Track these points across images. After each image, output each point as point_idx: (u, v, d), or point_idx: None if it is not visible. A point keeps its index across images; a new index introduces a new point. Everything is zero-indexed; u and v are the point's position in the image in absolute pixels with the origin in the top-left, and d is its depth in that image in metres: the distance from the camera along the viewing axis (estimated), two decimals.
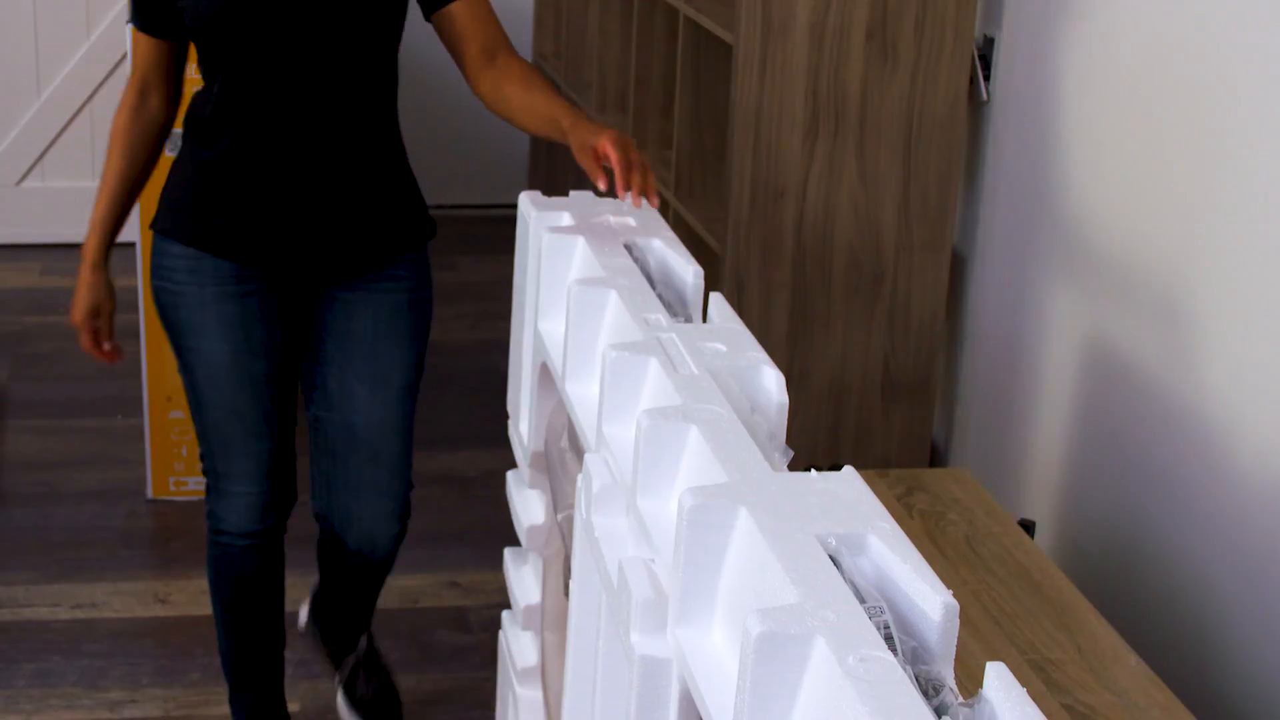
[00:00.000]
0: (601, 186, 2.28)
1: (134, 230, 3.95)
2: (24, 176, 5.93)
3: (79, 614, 3.56)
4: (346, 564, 2.85)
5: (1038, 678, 2.07)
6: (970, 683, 1.37)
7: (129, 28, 2.65)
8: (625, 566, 1.72)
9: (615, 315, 2.11)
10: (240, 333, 2.63)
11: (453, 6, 2.55)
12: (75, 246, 5.84)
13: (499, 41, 2.57)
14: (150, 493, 4.09)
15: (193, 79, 2.72)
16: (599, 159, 2.30)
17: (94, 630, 3.50)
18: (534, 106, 2.49)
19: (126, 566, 3.77)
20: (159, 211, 2.72)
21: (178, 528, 3.96)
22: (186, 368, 2.68)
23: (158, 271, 2.68)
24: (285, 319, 2.69)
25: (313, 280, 2.68)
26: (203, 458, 2.74)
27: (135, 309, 4.14)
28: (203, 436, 2.71)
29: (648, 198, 2.30)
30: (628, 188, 2.28)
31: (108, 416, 4.56)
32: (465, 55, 2.57)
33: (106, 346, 2.74)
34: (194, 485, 4.08)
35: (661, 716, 1.66)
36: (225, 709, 3.20)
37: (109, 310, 2.73)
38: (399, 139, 2.69)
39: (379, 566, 2.86)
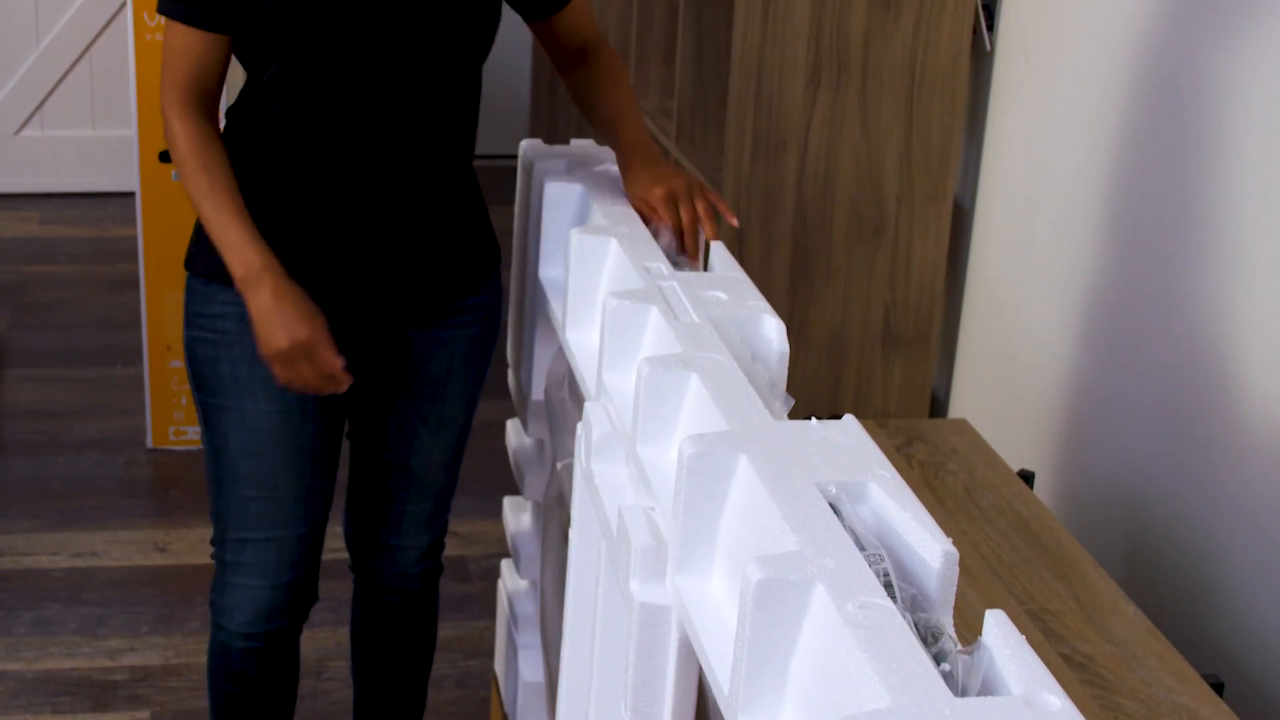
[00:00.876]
0: (661, 243, 2.13)
1: (134, 179, 3.95)
2: (23, 125, 5.92)
3: (79, 562, 3.57)
4: (384, 612, 2.60)
5: (1036, 627, 2.07)
6: (968, 633, 1.37)
7: (163, 20, 2.17)
8: (625, 514, 1.72)
9: (616, 263, 2.11)
10: (292, 395, 2.25)
11: (563, 12, 2.35)
12: (74, 196, 5.91)
13: (591, 38, 2.40)
14: (150, 442, 4.09)
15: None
16: (652, 213, 2.17)
17: (94, 579, 3.51)
18: (599, 113, 2.34)
19: (126, 515, 3.78)
20: (197, 249, 2.28)
21: (177, 477, 3.97)
22: (216, 433, 2.28)
23: (197, 320, 2.26)
24: (351, 363, 2.27)
25: (386, 320, 2.33)
26: (213, 542, 2.37)
27: (135, 258, 4.14)
28: (217, 517, 2.33)
29: (708, 238, 2.14)
30: (694, 254, 2.13)
31: (107, 366, 4.56)
32: (560, 55, 2.41)
33: (341, 361, 2.16)
34: (193, 435, 4.09)
35: (660, 664, 1.67)
36: None
37: (323, 322, 2.16)
38: (472, 159, 2.40)
39: (419, 612, 2.60)
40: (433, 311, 2.35)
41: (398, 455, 2.44)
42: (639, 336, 1.91)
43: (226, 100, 2.46)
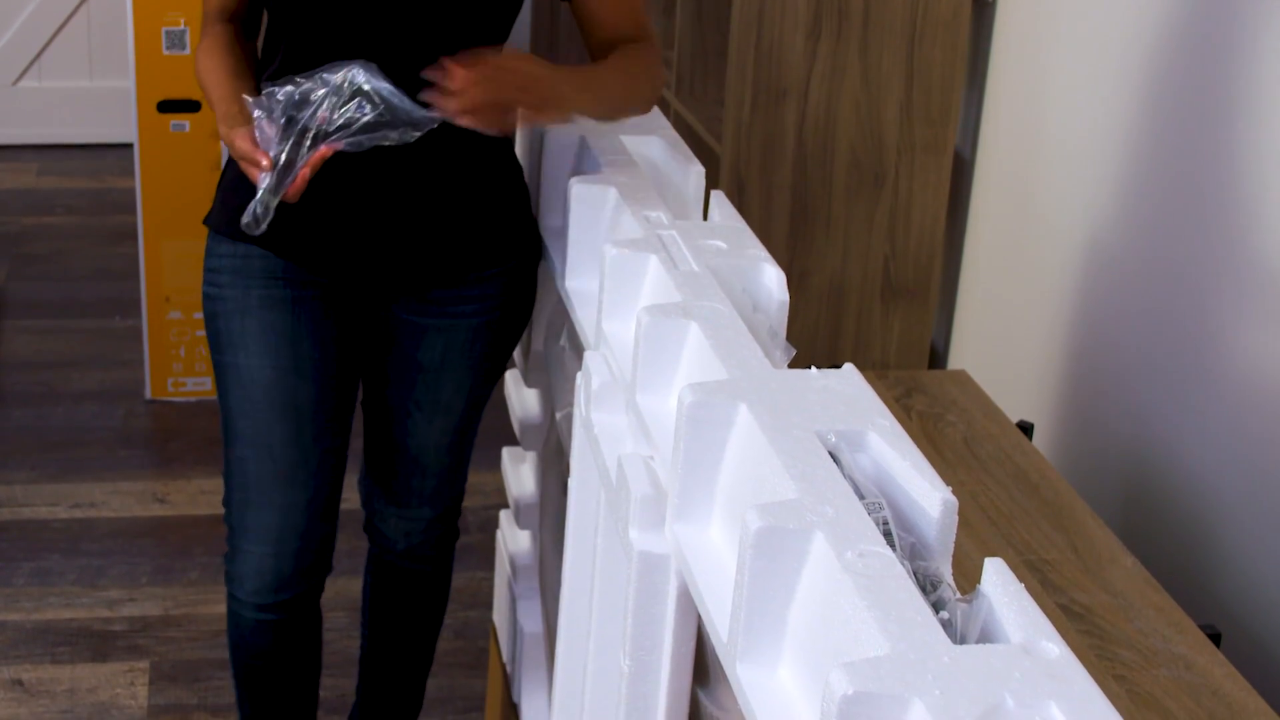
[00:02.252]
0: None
1: (132, 131, 3.93)
2: (20, 76, 5.89)
3: (78, 513, 3.57)
4: (393, 575, 2.55)
5: (1033, 578, 2.07)
6: (966, 583, 1.37)
7: None
8: (624, 463, 1.72)
9: (615, 212, 2.10)
10: (287, 348, 2.18)
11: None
12: (72, 147, 5.89)
13: (635, 32, 2.18)
14: (149, 393, 4.09)
15: None
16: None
17: (93, 529, 3.51)
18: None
19: (125, 466, 3.78)
20: (213, 207, 2.26)
21: (176, 428, 3.97)
22: (222, 391, 2.23)
23: (206, 276, 2.24)
24: (343, 337, 2.25)
25: (382, 291, 2.25)
26: (224, 504, 2.30)
27: (133, 209, 4.13)
28: (226, 478, 2.28)
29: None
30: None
31: (106, 317, 4.56)
32: (595, 38, 2.20)
33: (245, 146, 1.95)
34: (192, 386, 4.08)
35: (659, 613, 1.67)
36: (224, 608, 3.21)
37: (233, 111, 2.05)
38: (509, 142, 2.27)
39: (427, 579, 2.56)
40: (424, 294, 2.23)
41: (395, 433, 2.38)
42: (638, 285, 1.91)
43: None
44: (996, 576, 1.26)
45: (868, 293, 3.39)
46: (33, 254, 5.00)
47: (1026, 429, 2.64)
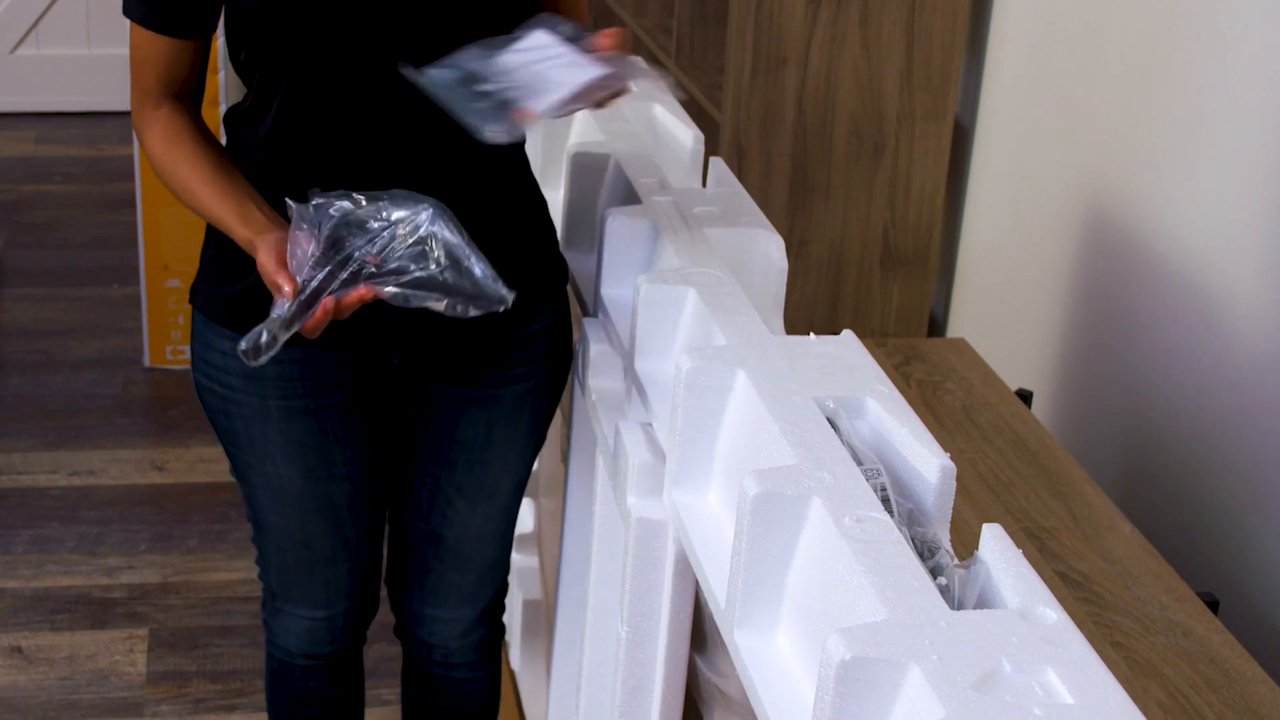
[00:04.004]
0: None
1: (129, 100, 3.92)
2: (18, 44, 5.88)
3: (76, 481, 3.57)
4: (431, 684, 2.25)
5: (1032, 545, 2.07)
6: (965, 551, 1.37)
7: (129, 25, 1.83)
8: (622, 430, 1.72)
9: (614, 180, 2.10)
10: (316, 457, 1.96)
11: None
12: (70, 115, 5.88)
13: (579, 10, 1.95)
14: (147, 361, 4.09)
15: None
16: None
17: (91, 497, 3.51)
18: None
19: (124, 434, 3.78)
20: (201, 277, 1.94)
21: (175, 396, 3.97)
22: (244, 480, 2.02)
23: (201, 364, 1.95)
24: (376, 426, 2.01)
25: (415, 366, 1.96)
26: (258, 562, 2.13)
27: (131, 177, 4.12)
28: (259, 548, 2.10)
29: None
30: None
31: (104, 285, 4.55)
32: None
33: (279, 276, 1.66)
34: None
35: (657, 579, 1.67)
36: (222, 575, 3.22)
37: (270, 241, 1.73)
38: (528, 171, 1.97)
39: (469, 685, 2.25)
40: (462, 366, 1.95)
41: (430, 524, 2.08)
42: (637, 252, 1.91)
43: (226, 103, 2.27)
44: (994, 542, 1.26)
45: (867, 261, 3.39)
46: (31, 222, 4.99)
47: (1025, 397, 2.64)
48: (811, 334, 1.58)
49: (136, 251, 4.11)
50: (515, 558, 2.64)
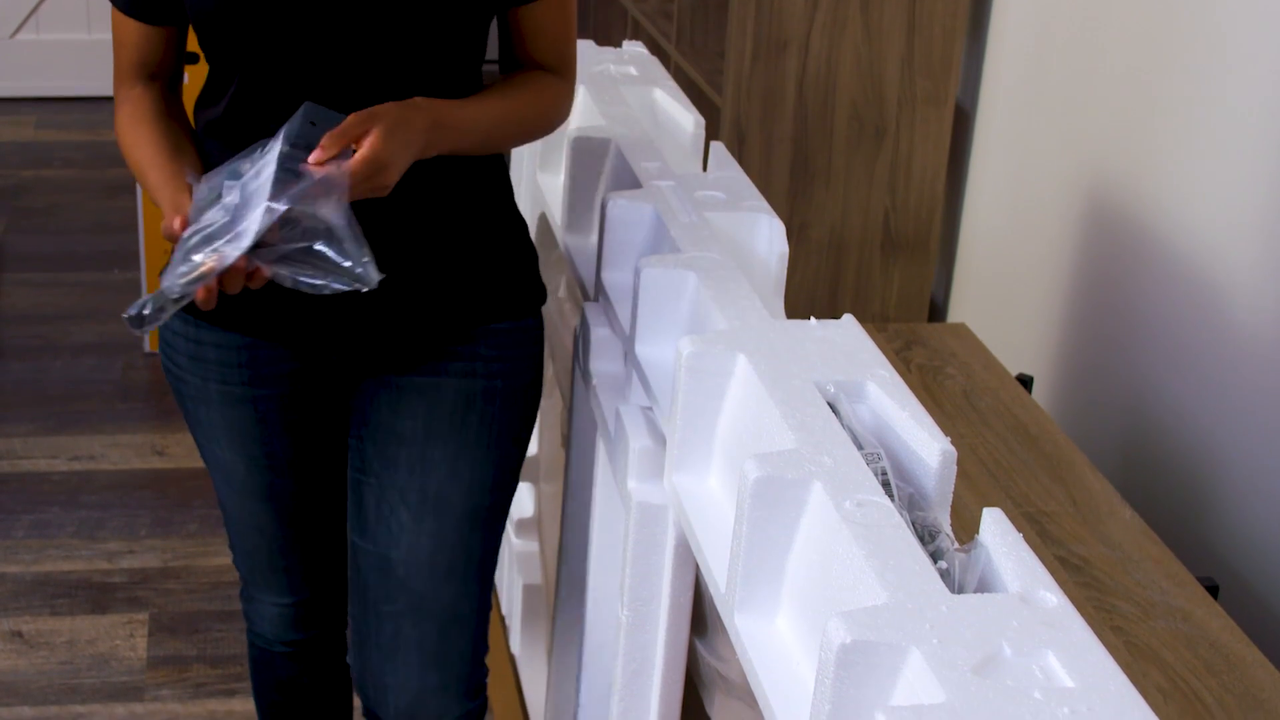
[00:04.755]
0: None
1: None
2: (18, 29, 5.87)
3: (77, 466, 3.57)
4: None
5: (1032, 530, 2.07)
6: (966, 536, 1.37)
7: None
8: (623, 414, 1.72)
9: (615, 164, 2.09)
10: (256, 446, 1.93)
11: (533, 12, 1.81)
12: (70, 100, 5.87)
13: (559, 63, 1.85)
14: (148, 346, 4.09)
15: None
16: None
17: (92, 482, 3.51)
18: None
19: (124, 419, 3.78)
20: (169, 263, 1.79)
21: None
22: (204, 460, 2.00)
23: (160, 341, 1.94)
24: (322, 422, 1.95)
25: (354, 363, 1.90)
26: (230, 548, 2.10)
27: None
28: (228, 533, 2.08)
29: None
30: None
31: (104, 270, 4.55)
32: (513, 56, 1.86)
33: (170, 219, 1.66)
34: None
35: (657, 563, 1.67)
36: (222, 560, 3.22)
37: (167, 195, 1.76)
38: (495, 164, 1.89)
39: None
40: (400, 357, 1.87)
41: (377, 544, 1.91)
42: (638, 236, 1.90)
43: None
44: (995, 526, 1.26)
45: (868, 246, 3.39)
46: (31, 207, 4.98)
47: (1026, 382, 2.64)
48: (812, 318, 1.58)
49: (136, 236, 4.11)
50: (516, 543, 2.64)
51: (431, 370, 1.86)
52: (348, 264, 1.55)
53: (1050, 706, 1.06)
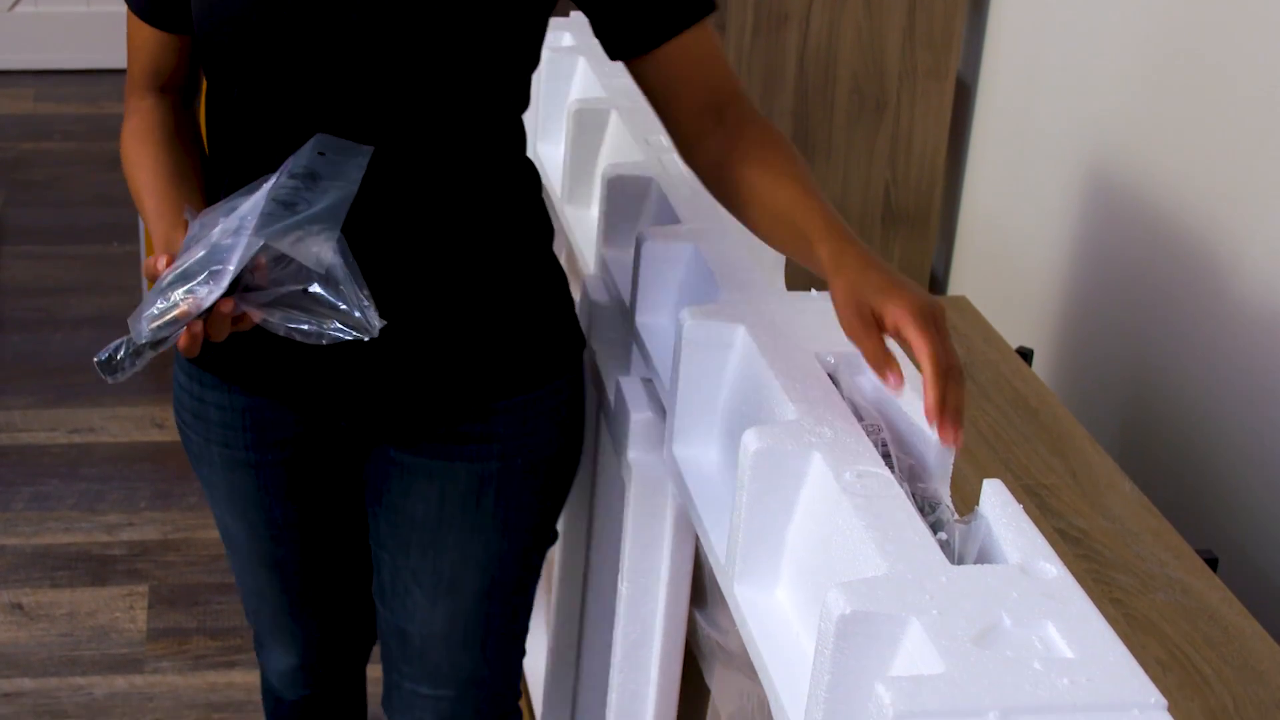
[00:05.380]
0: (890, 387, 1.35)
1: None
2: (17, 1, 5.85)
3: (76, 438, 3.57)
4: None
5: (1032, 503, 2.07)
6: (966, 508, 1.37)
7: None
8: (623, 385, 1.72)
9: (616, 136, 2.09)
10: (256, 512, 1.81)
11: (676, 42, 1.56)
12: (69, 73, 5.85)
13: (729, 89, 1.61)
14: None
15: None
16: (883, 330, 1.35)
17: (91, 454, 3.51)
18: (776, 208, 1.51)
19: (124, 392, 3.77)
20: None
21: (174, 354, 3.96)
22: (210, 505, 1.89)
23: (174, 383, 1.85)
24: (329, 491, 1.83)
25: (364, 430, 1.75)
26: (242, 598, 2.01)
27: None
28: (239, 587, 1.98)
29: (955, 434, 1.31)
30: (939, 411, 1.30)
31: (104, 243, 4.55)
32: (679, 109, 1.60)
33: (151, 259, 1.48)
34: None
35: (657, 533, 1.67)
36: None
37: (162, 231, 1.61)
38: (533, 201, 1.71)
39: None
40: (411, 428, 1.72)
41: (394, 615, 1.84)
42: (638, 208, 1.90)
43: None
44: (995, 498, 1.26)
45: (868, 219, 3.38)
46: (30, 180, 4.98)
47: (1026, 355, 2.64)
48: (813, 290, 1.58)
49: (136, 209, 4.10)
50: None
51: (443, 454, 1.71)
52: (344, 307, 1.39)
53: (1050, 677, 1.06)
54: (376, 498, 1.78)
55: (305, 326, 1.39)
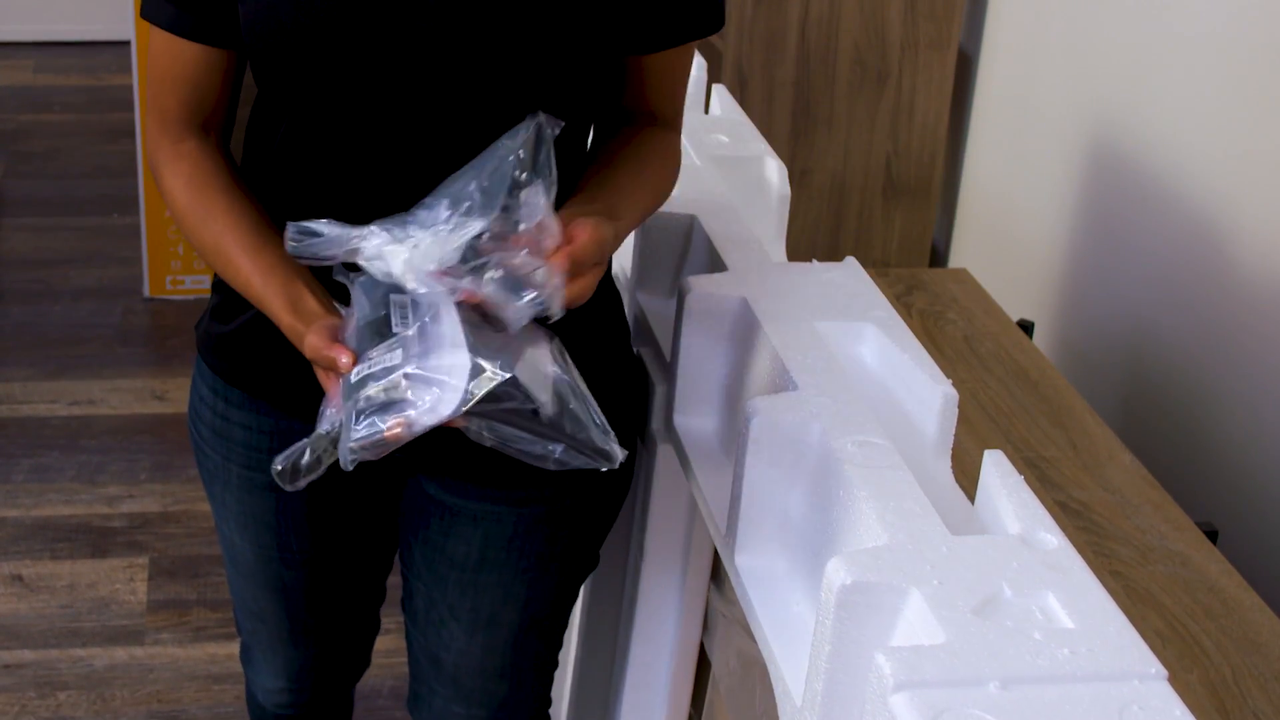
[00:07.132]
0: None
1: (129, 28, 3.90)
2: None
3: (76, 410, 3.57)
4: None
5: (1032, 474, 2.07)
6: (966, 480, 1.37)
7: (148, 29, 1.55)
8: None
9: None
10: (270, 536, 1.72)
11: (660, 56, 1.51)
12: (69, 44, 5.84)
13: (673, 109, 1.56)
14: (147, 291, 4.08)
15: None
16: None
17: (92, 426, 3.51)
18: (602, 155, 1.50)
19: (124, 364, 3.77)
20: (204, 311, 1.69)
21: (175, 325, 3.96)
22: (217, 527, 1.79)
23: (192, 396, 1.72)
24: (348, 520, 1.74)
25: (396, 464, 1.51)
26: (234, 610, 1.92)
27: (130, 106, 4.10)
28: (230, 593, 1.88)
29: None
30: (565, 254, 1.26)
31: (104, 214, 4.54)
32: (625, 101, 1.53)
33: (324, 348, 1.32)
34: (191, 284, 4.07)
35: (661, 506, 1.67)
36: None
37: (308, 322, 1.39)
38: (608, 282, 1.60)
39: None
40: (452, 463, 1.60)
41: (428, 642, 1.76)
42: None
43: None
44: (995, 468, 1.26)
45: (869, 191, 3.38)
46: (30, 151, 4.97)
47: (1027, 327, 2.63)
48: (814, 260, 1.58)
49: (136, 181, 4.10)
50: None
51: (489, 497, 1.61)
52: (582, 435, 1.24)
53: (1050, 647, 1.06)
54: (413, 531, 1.69)
55: (532, 450, 1.25)
